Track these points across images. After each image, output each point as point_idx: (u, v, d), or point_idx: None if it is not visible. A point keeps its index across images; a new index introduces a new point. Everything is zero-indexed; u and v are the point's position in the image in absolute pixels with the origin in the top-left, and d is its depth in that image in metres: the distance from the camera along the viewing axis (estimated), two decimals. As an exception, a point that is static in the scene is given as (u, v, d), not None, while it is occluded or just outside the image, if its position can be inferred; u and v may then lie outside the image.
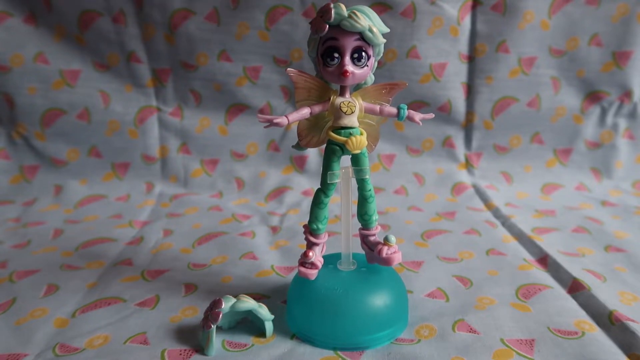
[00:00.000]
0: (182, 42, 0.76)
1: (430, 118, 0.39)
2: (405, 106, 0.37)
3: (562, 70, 0.80)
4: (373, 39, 0.33)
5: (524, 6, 0.74)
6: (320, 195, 0.39)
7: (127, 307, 0.45)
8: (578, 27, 0.76)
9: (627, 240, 0.59)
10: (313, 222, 0.40)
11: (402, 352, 0.38)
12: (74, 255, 0.57)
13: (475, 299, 0.45)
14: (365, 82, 0.37)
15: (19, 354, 0.39)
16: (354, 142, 0.36)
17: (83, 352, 0.39)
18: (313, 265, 0.39)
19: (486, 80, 0.79)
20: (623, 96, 0.80)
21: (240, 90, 0.79)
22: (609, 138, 0.82)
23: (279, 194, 0.78)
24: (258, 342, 0.39)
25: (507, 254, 0.55)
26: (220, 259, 0.56)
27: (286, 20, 0.75)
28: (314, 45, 0.35)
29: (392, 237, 0.39)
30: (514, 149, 0.83)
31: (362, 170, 0.38)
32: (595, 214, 0.68)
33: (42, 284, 0.50)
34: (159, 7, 0.74)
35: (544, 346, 0.38)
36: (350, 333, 0.38)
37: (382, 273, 0.41)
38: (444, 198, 0.77)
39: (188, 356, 0.38)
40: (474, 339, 0.39)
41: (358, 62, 0.34)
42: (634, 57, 0.77)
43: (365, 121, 0.38)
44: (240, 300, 0.39)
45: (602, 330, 0.40)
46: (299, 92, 0.37)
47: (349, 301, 0.38)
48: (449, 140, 0.83)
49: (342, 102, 0.36)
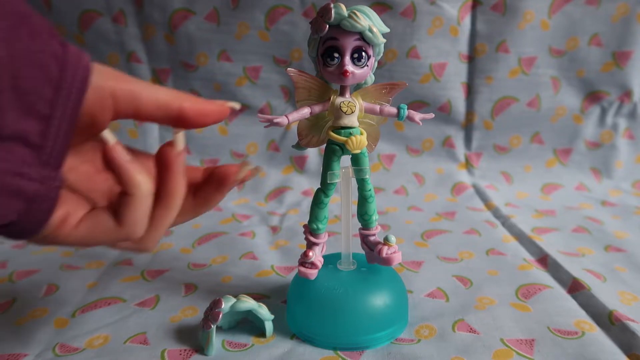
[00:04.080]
0: (182, 42, 0.76)
1: (430, 118, 0.39)
2: (405, 106, 0.37)
3: (562, 70, 0.80)
4: (373, 38, 0.33)
5: (524, 6, 0.74)
6: (321, 195, 0.39)
7: (127, 307, 0.45)
8: (578, 27, 0.76)
9: (627, 240, 0.59)
10: (313, 222, 0.40)
11: (402, 352, 0.38)
12: (74, 255, 0.57)
13: (475, 298, 0.45)
14: (365, 82, 0.37)
15: (19, 354, 0.39)
16: (354, 142, 0.36)
17: (83, 352, 0.39)
18: (313, 265, 0.39)
19: (486, 80, 0.79)
20: (623, 96, 0.80)
21: (240, 90, 0.79)
22: (609, 138, 0.82)
23: (279, 194, 0.78)
24: (258, 342, 0.39)
25: (507, 254, 0.55)
26: (220, 259, 0.56)
27: (286, 20, 0.75)
28: (314, 45, 0.35)
29: (392, 237, 0.39)
30: (514, 149, 0.83)
31: (362, 170, 0.38)
32: (595, 214, 0.69)
33: (42, 284, 0.50)
34: (159, 7, 0.74)
35: (544, 346, 0.38)
36: (350, 333, 0.38)
37: (382, 273, 0.41)
38: (444, 198, 0.77)
39: (188, 356, 0.38)
40: (474, 339, 0.39)
41: (358, 62, 0.34)
42: (634, 57, 0.77)
43: (365, 121, 0.38)
44: (240, 300, 0.39)
45: (602, 330, 0.40)
46: (299, 92, 0.37)
47: (349, 301, 0.38)
48: (449, 140, 0.83)
49: (342, 102, 0.36)
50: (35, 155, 0.26)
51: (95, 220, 0.30)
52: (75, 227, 0.29)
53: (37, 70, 0.25)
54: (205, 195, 0.33)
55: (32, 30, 0.25)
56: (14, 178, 0.25)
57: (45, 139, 0.26)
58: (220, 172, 0.33)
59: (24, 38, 0.25)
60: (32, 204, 0.26)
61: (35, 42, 0.25)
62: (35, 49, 0.25)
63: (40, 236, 0.28)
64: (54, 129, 0.26)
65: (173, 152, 0.30)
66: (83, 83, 0.27)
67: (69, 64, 0.26)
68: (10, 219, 0.26)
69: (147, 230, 0.31)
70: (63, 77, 0.26)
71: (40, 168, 0.26)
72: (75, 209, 0.29)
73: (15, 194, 0.25)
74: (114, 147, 0.29)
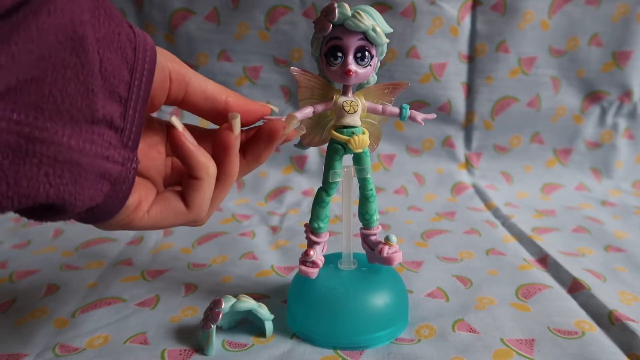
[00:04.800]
0: (182, 42, 0.76)
1: (432, 118, 0.39)
2: (408, 106, 0.37)
3: (562, 70, 0.80)
4: (377, 38, 0.34)
5: (524, 6, 0.74)
6: (322, 194, 0.39)
7: (127, 307, 0.45)
8: (578, 27, 0.77)
9: (627, 240, 0.59)
10: (314, 221, 0.40)
11: (402, 352, 0.38)
12: (74, 255, 0.57)
13: (475, 298, 0.45)
14: (367, 82, 0.37)
15: (19, 354, 0.39)
16: (357, 141, 0.36)
17: (83, 352, 0.39)
18: (314, 264, 0.39)
19: (486, 80, 0.80)
20: (623, 96, 0.80)
21: (240, 90, 0.79)
22: (609, 138, 0.82)
23: (279, 194, 0.78)
24: (258, 342, 0.39)
25: (507, 254, 0.55)
26: (220, 259, 0.56)
27: (286, 20, 0.75)
28: (317, 45, 0.35)
29: (393, 236, 0.39)
30: (514, 149, 0.83)
31: (364, 170, 0.38)
32: (595, 213, 0.69)
33: (42, 284, 0.50)
34: (159, 7, 0.74)
35: (544, 346, 0.38)
36: (350, 332, 0.38)
37: (382, 273, 0.41)
38: (444, 198, 0.77)
39: (188, 356, 0.38)
40: (474, 339, 0.39)
41: (361, 61, 0.34)
42: (634, 57, 0.77)
43: (367, 120, 0.38)
44: (240, 300, 0.39)
45: (602, 330, 0.40)
46: (301, 91, 0.37)
47: (349, 300, 0.38)
48: (449, 140, 0.83)
49: (345, 101, 0.36)
50: (118, 137, 0.26)
51: (166, 204, 0.31)
52: (147, 212, 0.30)
53: (117, 53, 0.25)
54: (255, 152, 0.34)
55: (108, 12, 0.25)
56: (103, 161, 0.25)
57: (125, 120, 0.26)
58: (269, 128, 0.33)
59: (105, 20, 0.25)
60: (115, 185, 0.27)
61: (112, 24, 0.25)
62: (114, 31, 0.25)
63: (115, 220, 0.28)
64: (131, 110, 0.27)
65: (232, 136, 0.31)
66: (151, 64, 0.27)
67: (139, 45, 0.27)
68: (97, 201, 0.26)
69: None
70: (136, 59, 0.26)
71: (122, 150, 0.27)
72: (147, 194, 0.30)
73: (104, 176, 0.26)
74: (182, 133, 0.29)
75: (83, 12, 0.23)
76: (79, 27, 0.23)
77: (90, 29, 0.24)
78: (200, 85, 0.31)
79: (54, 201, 0.24)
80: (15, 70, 0.21)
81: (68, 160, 0.24)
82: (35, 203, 0.24)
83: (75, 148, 0.24)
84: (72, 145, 0.24)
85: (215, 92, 0.32)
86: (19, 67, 0.21)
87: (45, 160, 0.23)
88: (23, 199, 0.23)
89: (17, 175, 0.22)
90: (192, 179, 0.30)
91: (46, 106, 0.22)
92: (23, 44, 0.21)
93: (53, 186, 0.23)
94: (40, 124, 0.22)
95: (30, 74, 0.22)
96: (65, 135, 0.23)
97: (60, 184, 0.24)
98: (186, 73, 0.30)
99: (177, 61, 0.30)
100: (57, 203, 0.24)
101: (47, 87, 0.22)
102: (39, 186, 0.23)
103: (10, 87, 0.21)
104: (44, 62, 0.22)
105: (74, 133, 0.24)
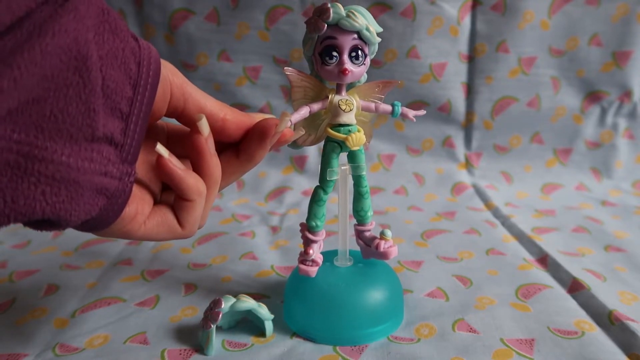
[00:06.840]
0: (182, 42, 0.76)
1: (422, 114, 0.39)
2: (399, 103, 0.38)
3: (562, 70, 0.80)
4: (370, 37, 0.34)
5: (524, 6, 0.74)
6: (320, 192, 0.39)
7: (127, 306, 0.45)
8: (578, 27, 0.77)
9: (627, 240, 0.59)
10: (312, 220, 0.40)
11: (402, 351, 0.38)
12: (74, 255, 0.57)
13: (475, 298, 0.45)
14: (359, 81, 0.38)
15: (19, 354, 0.39)
16: (354, 138, 0.36)
17: (83, 352, 0.39)
18: (314, 263, 0.39)
19: (486, 80, 0.80)
20: (623, 96, 0.80)
21: (240, 90, 0.79)
22: (609, 138, 0.82)
23: (278, 194, 0.78)
24: (258, 342, 0.39)
25: (507, 254, 0.55)
26: (220, 258, 0.56)
27: (286, 20, 0.75)
28: (310, 45, 0.35)
29: (389, 231, 0.40)
30: (514, 149, 0.83)
31: (360, 167, 0.39)
32: (595, 213, 0.68)
33: (42, 283, 0.50)
34: (159, 7, 0.74)
35: (544, 346, 0.38)
36: (351, 327, 0.39)
37: (378, 268, 0.42)
38: (444, 198, 0.77)
39: (188, 356, 0.38)
40: (474, 339, 0.39)
41: (356, 60, 0.35)
42: (634, 57, 0.77)
43: (359, 119, 0.39)
44: (240, 300, 0.39)
45: (602, 330, 0.40)
46: (295, 91, 0.37)
47: (351, 295, 0.39)
48: (449, 140, 0.83)
49: (340, 99, 0.36)
50: (118, 153, 0.26)
51: (161, 219, 0.31)
52: (143, 223, 0.30)
53: (120, 70, 0.25)
54: (249, 152, 0.34)
55: (113, 27, 0.25)
56: (101, 177, 0.25)
57: (125, 136, 0.26)
58: (261, 126, 0.33)
59: (109, 37, 0.25)
60: (112, 199, 0.27)
61: (116, 40, 0.25)
62: (117, 47, 0.25)
63: (112, 229, 0.29)
64: (132, 125, 0.27)
65: (201, 138, 0.31)
66: (155, 78, 0.27)
67: (143, 59, 0.27)
68: (93, 214, 0.26)
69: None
70: (140, 74, 0.26)
71: (120, 165, 0.27)
72: (143, 207, 0.30)
73: (100, 192, 0.26)
74: (169, 160, 0.29)
75: (88, 30, 0.23)
76: (83, 47, 0.23)
77: (94, 47, 0.24)
78: (200, 101, 0.31)
79: (50, 217, 0.24)
80: (17, 93, 0.21)
81: (66, 178, 0.24)
82: (31, 219, 0.24)
83: (73, 166, 0.24)
84: (71, 163, 0.24)
85: (213, 109, 0.32)
86: (21, 90, 0.21)
87: (43, 179, 0.23)
88: (19, 216, 0.23)
89: (14, 193, 0.22)
90: (183, 201, 0.31)
91: (47, 125, 0.22)
92: (26, 67, 0.21)
93: (49, 204, 0.24)
94: (40, 143, 0.22)
95: (32, 95, 0.22)
96: (65, 154, 0.23)
97: (56, 201, 0.24)
98: (187, 88, 0.30)
99: (179, 75, 0.30)
100: (52, 218, 0.25)
101: (49, 107, 0.22)
102: (35, 204, 0.23)
103: (12, 109, 0.21)
104: (46, 83, 0.22)
105: (73, 152, 0.24)
